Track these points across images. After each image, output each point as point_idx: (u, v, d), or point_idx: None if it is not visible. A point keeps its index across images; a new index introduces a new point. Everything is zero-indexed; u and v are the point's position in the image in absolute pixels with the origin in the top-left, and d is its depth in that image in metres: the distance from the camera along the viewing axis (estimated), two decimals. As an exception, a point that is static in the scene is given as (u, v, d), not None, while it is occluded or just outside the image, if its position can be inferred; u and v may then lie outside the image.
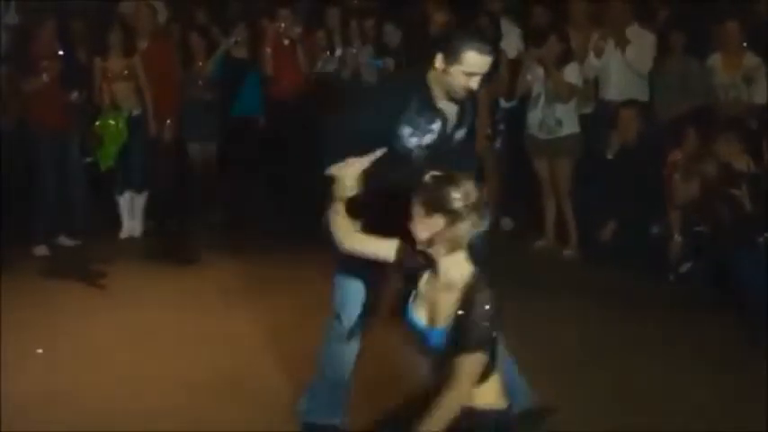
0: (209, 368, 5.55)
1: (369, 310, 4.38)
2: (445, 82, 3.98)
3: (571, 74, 7.84)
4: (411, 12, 9.48)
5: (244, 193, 9.70)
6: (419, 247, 3.23)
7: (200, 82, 9.18)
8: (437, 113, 4.05)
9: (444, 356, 3.14)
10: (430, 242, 3.18)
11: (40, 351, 5.85)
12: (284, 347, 5.82)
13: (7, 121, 8.51)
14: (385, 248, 3.41)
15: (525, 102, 8.19)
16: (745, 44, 7.82)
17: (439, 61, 3.96)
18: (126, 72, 8.69)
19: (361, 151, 3.71)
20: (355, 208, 3.62)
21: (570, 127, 7.91)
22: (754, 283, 6.15)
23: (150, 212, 9.04)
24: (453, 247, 3.17)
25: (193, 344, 5.99)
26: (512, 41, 8.82)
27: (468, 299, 3.11)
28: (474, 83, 3.92)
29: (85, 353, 5.86)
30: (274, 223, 8.98)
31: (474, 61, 3.87)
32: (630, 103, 7.89)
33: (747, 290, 6.20)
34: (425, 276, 3.29)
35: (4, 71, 8.60)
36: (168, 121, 8.98)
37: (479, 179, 3.53)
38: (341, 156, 3.68)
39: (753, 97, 7.67)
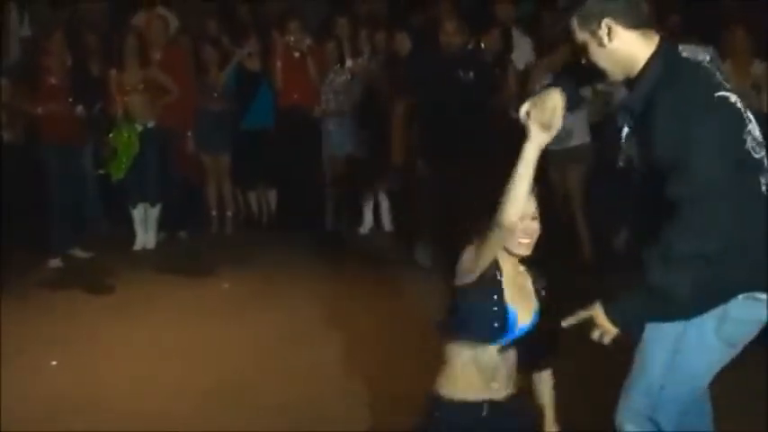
0: (216, 376, 5.60)
1: None
2: None
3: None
4: (421, 21, 9.52)
5: (255, 206, 9.79)
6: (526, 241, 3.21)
7: (214, 94, 9.25)
8: None
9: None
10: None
11: (54, 363, 5.91)
12: (289, 357, 5.90)
13: (14, 134, 8.58)
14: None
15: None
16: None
17: None
18: (141, 85, 8.75)
19: None
20: None
21: (581, 137, 7.90)
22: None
23: (163, 224, 9.09)
24: None
25: (202, 353, 6.05)
26: (522, 52, 8.84)
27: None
28: None
29: (97, 362, 5.94)
30: (285, 235, 9.04)
31: None
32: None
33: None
34: (506, 277, 3.23)
35: (5, 83, 8.65)
36: (189, 134, 9.06)
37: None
38: None
39: (762, 105, 7.63)
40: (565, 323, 3.14)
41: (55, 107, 8.26)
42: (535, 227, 3.20)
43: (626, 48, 3.08)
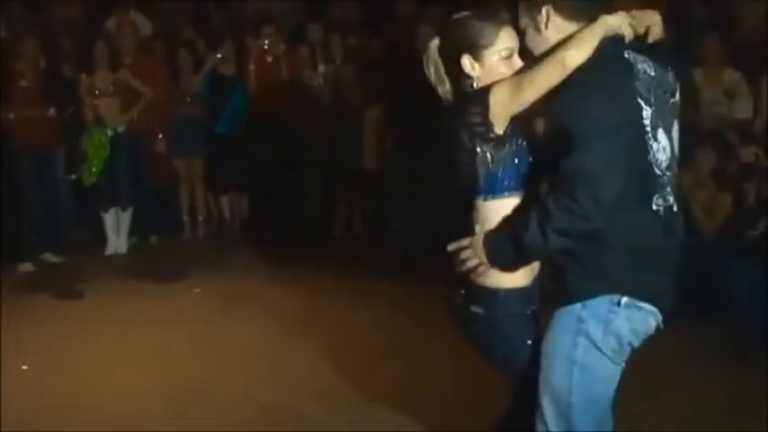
0: (189, 380, 5.58)
1: None
2: None
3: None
4: (395, 26, 9.52)
5: (228, 210, 9.76)
6: None
7: (187, 98, 9.23)
8: None
9: None
10: None
11: (24, 367, 5.87)
12: (262, 361, 5.91)
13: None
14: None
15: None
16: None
17: None
18: (112, 88, 8.72)
19: None
20: None
21: (554, 141, 7.92)
22: (738, 285, 6.11)
23: (135, 228, 9.05)
24: None
25: (174, 357, 6.02)
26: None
27: None
28: None
29: (68, 367, 5.89)
30: (257, 239, 9.02)
31: None
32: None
33: (732, 291, 6.14)
34: None
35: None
36: (160, 136, 9.02)
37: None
38: None
39: (734, 112, 7.67)
40: (450, 247, 3.20)
41: (27, 111, 8.23)
42: None
43: (558, 39, 3.07)
